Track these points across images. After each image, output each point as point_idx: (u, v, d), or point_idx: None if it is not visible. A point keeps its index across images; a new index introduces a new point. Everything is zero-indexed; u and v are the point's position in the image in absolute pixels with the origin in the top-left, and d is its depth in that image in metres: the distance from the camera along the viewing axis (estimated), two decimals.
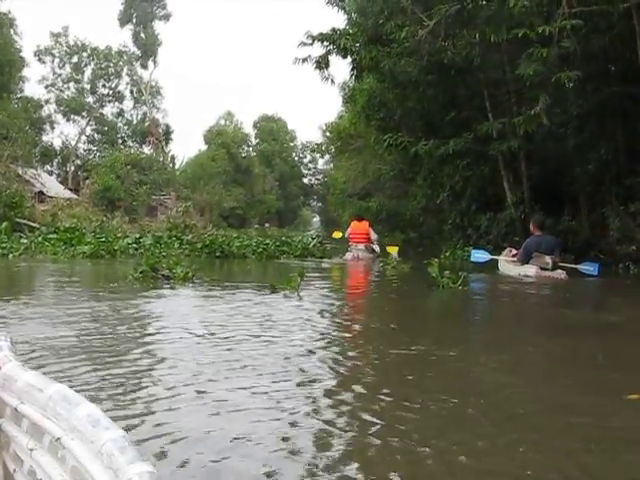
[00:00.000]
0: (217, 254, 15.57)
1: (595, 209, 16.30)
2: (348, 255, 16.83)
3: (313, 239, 19.07)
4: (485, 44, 14.49)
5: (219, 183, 67.26)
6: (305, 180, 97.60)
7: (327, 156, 61.47)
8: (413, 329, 6.31)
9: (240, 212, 70.15)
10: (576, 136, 16.21)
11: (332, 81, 19.01)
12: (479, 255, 14.59)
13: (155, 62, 70.43)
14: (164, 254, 14.10)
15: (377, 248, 17.78)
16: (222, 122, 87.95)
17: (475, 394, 3.68)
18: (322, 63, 18.18)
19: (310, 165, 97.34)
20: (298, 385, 3.77)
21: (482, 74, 18.11)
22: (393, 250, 17.67)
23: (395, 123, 22.18)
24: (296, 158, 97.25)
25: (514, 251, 13.36)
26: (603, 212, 15.22)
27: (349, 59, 18.80)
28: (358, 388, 3.76)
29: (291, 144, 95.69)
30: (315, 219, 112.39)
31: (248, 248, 16.24)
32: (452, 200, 21.57)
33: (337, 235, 21.07)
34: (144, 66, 70.46)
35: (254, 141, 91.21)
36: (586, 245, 15.72)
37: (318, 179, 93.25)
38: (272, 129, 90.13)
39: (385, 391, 3.68)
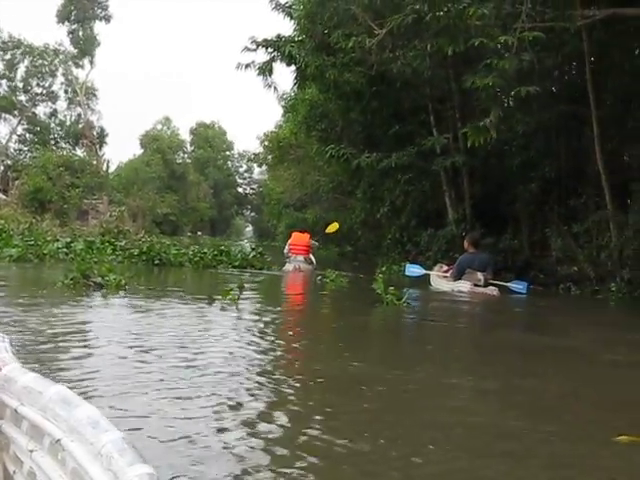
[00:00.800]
0: (155, 262, 15.08)
1: (537, 228, 16.32)
2: (288, 266, 16.67)
3: (253, 249, 18.63)
4: (435, 57, 14.38)
5: (153, 189, 66.45)
6: (240, 189, 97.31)
7: (264, 166, 61.12)
8: (357, 348, 5.96)
9: (173, 219, 69.38)
10: (521, 154, 16.23)
11: (275, 88, 18.75)
12: (413, 269, 14.96)
13: (92, 63, 68.97)
14: (96, 260, 13.55)
15: (314, 259, 17.72)
16: (159, 127, 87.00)
17: (430, 425, 3.33)
18: (265, 70, 17.84)
19: (245, 174, 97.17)
20: (215, 408, 3.39)
21: (428, 88, 18.05)
22: (333, 228, 19.00)
23: (337, 134, 22.07)
24: (232, 167, 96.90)
25: (445, 267, 13.90)
26: (546, 232, 15.20)
27: (293, 67, 18.52)
28: (279, 415, 3.38)
29: (227, 153, 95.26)
30: (248, 229, 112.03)
31: (185, 256, 15.79)
32: (392, 215, 21.38)
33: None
34: (80, 66, 68.91)
35: (190, 148, 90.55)
36: (526, 265, 15.71)
37: (253, 189, 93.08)
38: (208, 136, 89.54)
39: (314, 418, 3.37)
